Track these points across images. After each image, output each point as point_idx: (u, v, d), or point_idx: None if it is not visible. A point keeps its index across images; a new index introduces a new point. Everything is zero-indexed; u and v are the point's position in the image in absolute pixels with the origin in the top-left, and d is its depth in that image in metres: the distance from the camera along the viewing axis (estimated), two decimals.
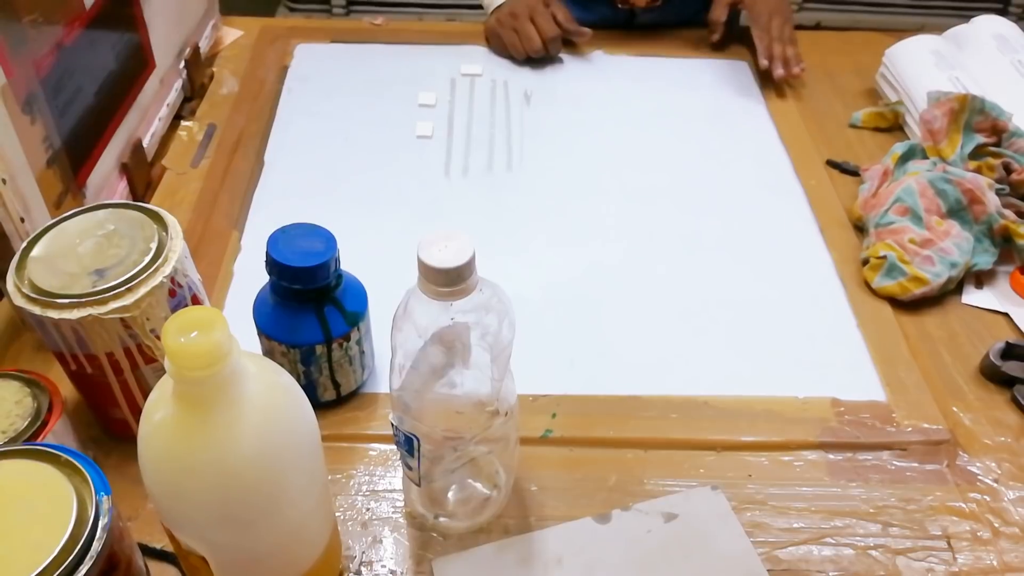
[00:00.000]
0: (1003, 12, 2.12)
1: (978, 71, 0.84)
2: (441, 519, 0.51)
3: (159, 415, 0.36)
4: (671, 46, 0.97)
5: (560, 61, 0.94)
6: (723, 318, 0.66)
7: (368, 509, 0.52)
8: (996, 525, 0.52)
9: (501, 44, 0.94)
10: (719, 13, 0.93)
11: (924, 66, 0.84)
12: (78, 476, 0.37)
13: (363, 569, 0.49)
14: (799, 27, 0.98)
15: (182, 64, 0.83)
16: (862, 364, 0.62)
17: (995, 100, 0.76)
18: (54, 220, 0.50)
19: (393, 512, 0.52)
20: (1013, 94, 0.81)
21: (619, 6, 0.97)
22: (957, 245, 0.67)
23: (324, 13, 2.13)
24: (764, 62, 0.89)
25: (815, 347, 0.63)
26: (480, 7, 0.98)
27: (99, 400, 0.52)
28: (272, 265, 0.51)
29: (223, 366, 0.34)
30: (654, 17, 0.98)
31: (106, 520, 0.36)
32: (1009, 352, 0.61)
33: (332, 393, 0.57)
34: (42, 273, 0.47)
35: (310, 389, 0.55)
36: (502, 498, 0.52)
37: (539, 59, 0.92)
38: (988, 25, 0.90)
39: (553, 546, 0.50)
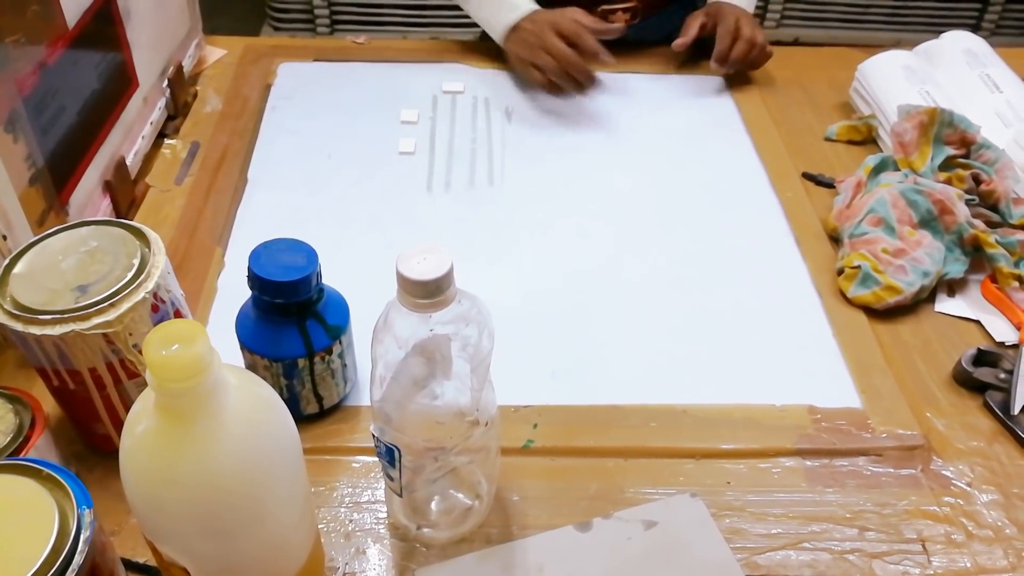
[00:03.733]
0: (975, 28, 2.16)
1: (948, 85, 0.87)
2: (424, 529, 0.51)
3: (141, 427, 0.36)
4: (649, 63, 0.98)
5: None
6: (701, 328, 0.67)
7: (351, 520, 0.52)
8: (970, 528, 0.53)
9: (531, 69, 0.90)
10: (691, 31, 0.95)
11: (895, 80, 0.86)
12: (60, 490, 0.37)
13: None
14: (777, 43, 1.00)
15: (165, 83, 0.84)
16: (838, 372, 0.63)
17: (964, 113, 0.77)
18: (37, 237, 0.50)
19: (376, 523, 0.52)
20: (981, 107, 0.83)
21: None
22: (929, 255, 0.69)
23: (308, 32, 2.14)
24: (713, 65, 0.93)
25: (792, 356, 0.65)
26: (466, 25, 0.98)
27: (82, 415, 0.52)
28: (254, 280, 0.52)
29: (204, 378, 0.34)
30: (633, 33, 1.00)
31: (88, 533, 0.36)
32: (981, 358, 0.63)
33: (315, 406, 0.57)
34: (24, 289, 0.47)
35: (293, 402, 0.56)
36: (484, 508, 0.52)
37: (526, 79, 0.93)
38: (957, 41, 0.93)
39: (535, 555, 0.51)
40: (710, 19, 0.94)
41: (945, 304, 0.69)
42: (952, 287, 0.71)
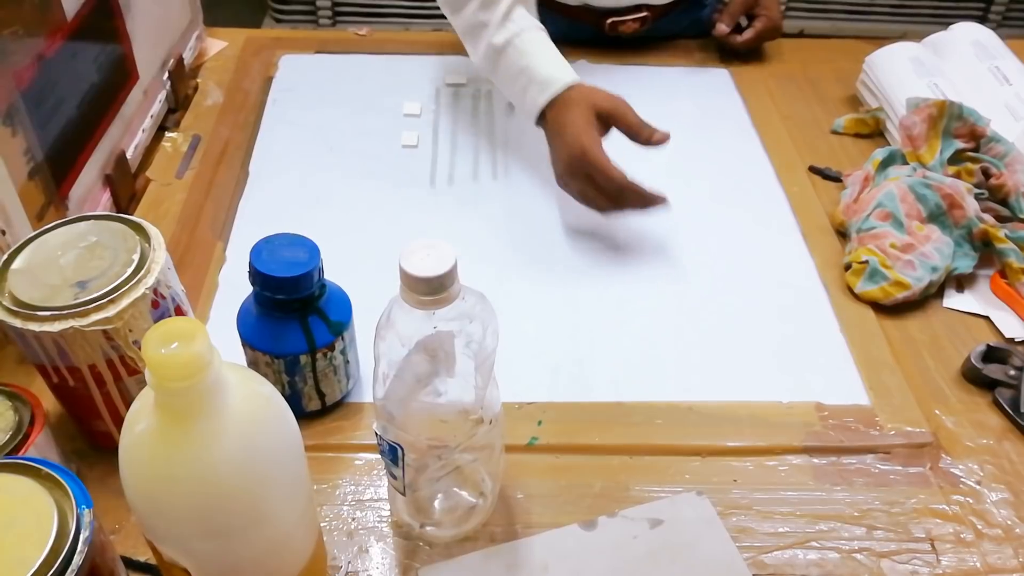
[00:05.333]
0: (982, 20, 2.15)
1: (956, 77, 0.85)
2: (427, 528, 0.51)
3: (140, 426, 0.36)
4: (653, 55, 0.97)
5: None
6: (707, 324, 0.66)
7: (354, 519, 0.52)
8: (979, 527, 0.53)
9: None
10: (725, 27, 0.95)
11: (903, 73, 0.85)
12: (59, 489, 0.37)
13: None
14: (782, 35, 0.99)
15: (166, 75, 0.83)
16: (845, 368, 0.63)
17: (973, 106, 0.76)
18: (36, 232, 0.50)
19: (379, 521, 0.52)
20: (990, 100, 0.82)
21: (606, 32, 0.96)
22: (938, 249, 0.68)
23: (310, 24, 2.13)
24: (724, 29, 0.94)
25: (799, 352, 0.64)
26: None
27: (82, 413, 0.51)
28: (255, 275, 0.51)
29: (204, 377, 0.34)
30: (640, 36, 0.99)
31: (87, 533, 0.36)
32: (990, 355, 0.62)
33: (317, 403, 0.56)
34: (23, 285, 0.47)
35: (295, 399, 0.55)
36: (488, 506, 0.52)
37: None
38: (966, 32, 0.91)
39: (539, 553, 0.50)
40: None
41: (954, 300, 0.68)
42: (961, 282, 0.70)
